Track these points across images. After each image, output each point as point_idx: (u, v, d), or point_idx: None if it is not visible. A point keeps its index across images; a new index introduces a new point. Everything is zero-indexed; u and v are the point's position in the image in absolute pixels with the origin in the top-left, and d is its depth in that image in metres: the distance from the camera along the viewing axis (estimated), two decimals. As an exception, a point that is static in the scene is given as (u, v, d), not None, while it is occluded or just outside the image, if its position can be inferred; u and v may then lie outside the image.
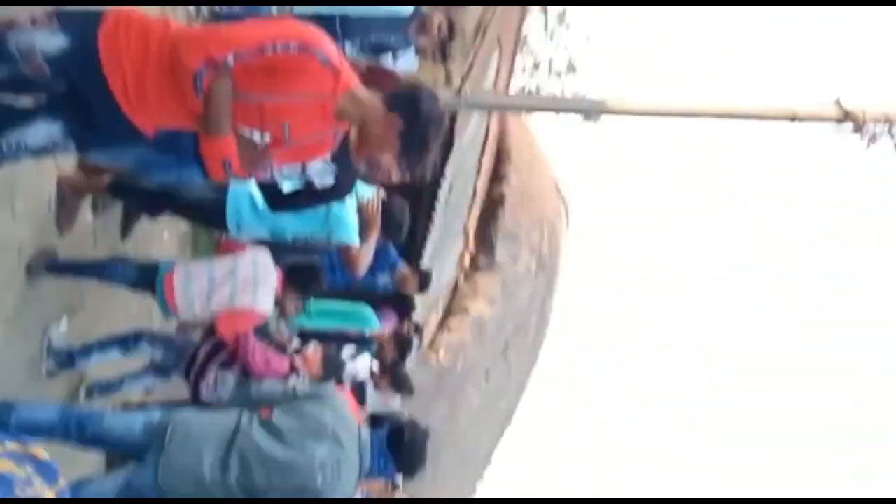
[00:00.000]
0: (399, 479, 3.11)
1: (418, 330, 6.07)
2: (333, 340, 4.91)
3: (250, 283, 3.57)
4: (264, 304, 3.66)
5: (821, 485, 40.45)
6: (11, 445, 1.28)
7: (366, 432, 2.86)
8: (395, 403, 5.80)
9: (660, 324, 47.03)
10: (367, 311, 5.02)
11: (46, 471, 1.27)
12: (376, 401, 5.33)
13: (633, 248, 48.67)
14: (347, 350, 5.12)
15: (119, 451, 3.08)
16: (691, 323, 49.80)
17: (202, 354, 3.82)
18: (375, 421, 3.50)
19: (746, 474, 44.36)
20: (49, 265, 3.60)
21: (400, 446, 2.93)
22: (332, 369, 4.04)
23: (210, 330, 3.80)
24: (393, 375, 5.33)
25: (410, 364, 8.75)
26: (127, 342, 3.93)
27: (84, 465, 3.38)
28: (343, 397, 3.20)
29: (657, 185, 54.30)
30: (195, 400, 3.76)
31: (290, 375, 3.68)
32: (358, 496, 3.11)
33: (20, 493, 1.19)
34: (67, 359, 3.76)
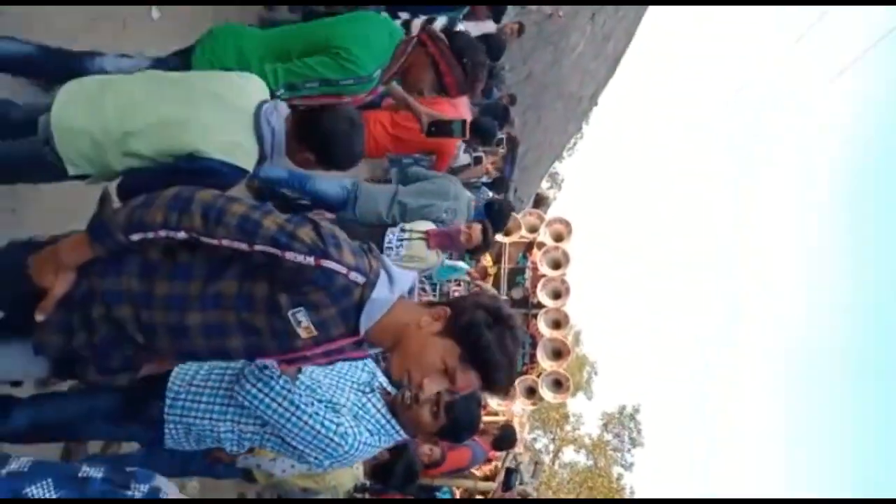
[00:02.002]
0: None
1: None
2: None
3: None
4: None
5: None
6: None
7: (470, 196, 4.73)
8: (488, 26, 6.16)
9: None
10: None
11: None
12: (472, 28, 5.72)
13: None
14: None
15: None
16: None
17: None
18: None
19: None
20: None
21: (491, 212, 4.91)
22: None
23: None
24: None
25: (511, 13, 8.93)
26: None
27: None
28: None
29: None
30: None
31: None
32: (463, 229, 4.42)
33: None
34: None
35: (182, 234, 1.59)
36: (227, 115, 2.18)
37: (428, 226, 4.43)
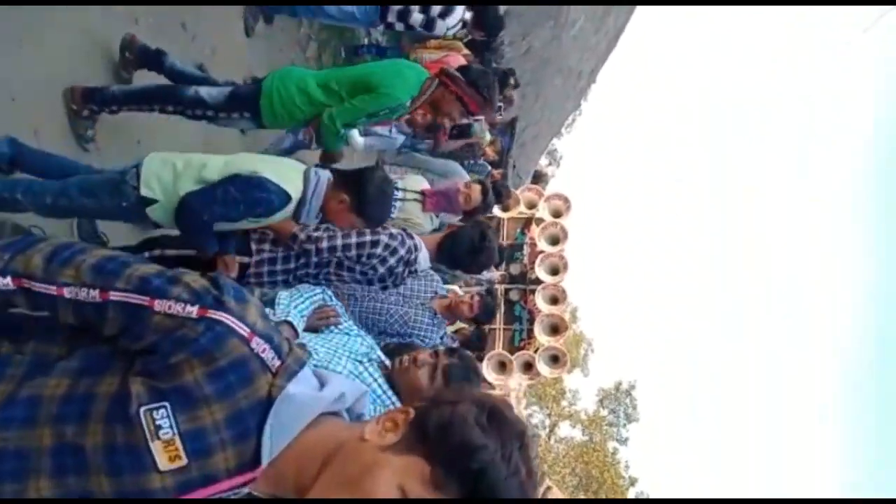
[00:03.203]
0: None
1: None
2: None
3: None
4: None
5: None
6: None
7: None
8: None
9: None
10: None
11: None
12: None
13: None
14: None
15: None
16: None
17: None
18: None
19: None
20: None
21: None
22: None
23: None
24: None
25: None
26: None
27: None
28: None
29: None
30: None
31: None
32: None
33: None
34: None
35: (7, 283, 1.07)
36: (285, 166, 2.77)
37: (423, 184, 4.31)
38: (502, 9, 5.88)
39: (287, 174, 2.68)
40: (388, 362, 2.44)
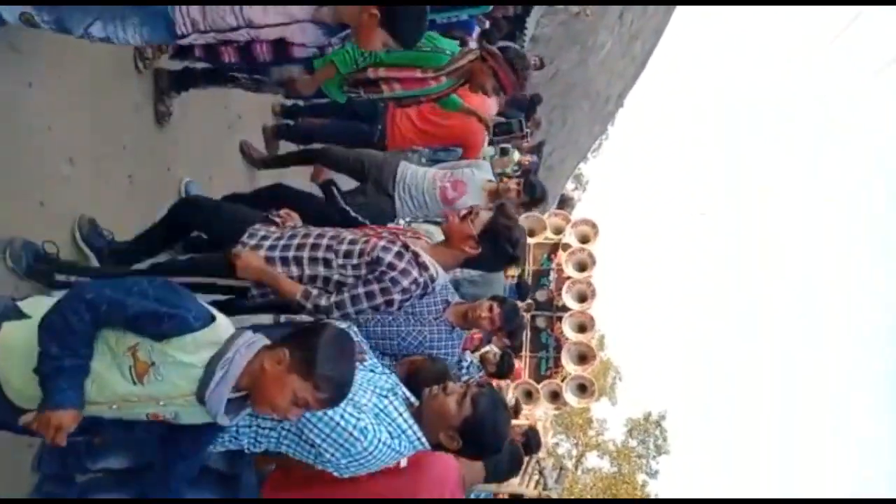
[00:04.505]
0: None
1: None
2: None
3: None
4: None
5: None
6: None
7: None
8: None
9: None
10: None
11: None
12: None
13: None
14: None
15: None
16: None
17: None
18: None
19: None
20: None
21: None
22: None
23: None
24: None
25: (535, 14, 8.82)
26: None
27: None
28: None
29: None
30: None
31: None
32: None
33: None
34: None
35: None
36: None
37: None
38: (528, 35, 5.87)
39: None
40: (413, 399, 2.39)
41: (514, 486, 6.73)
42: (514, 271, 8.46)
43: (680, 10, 17.95)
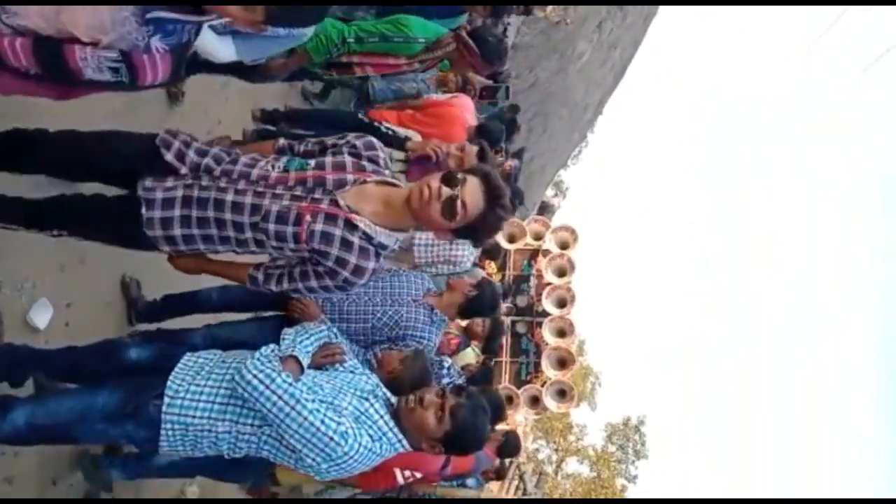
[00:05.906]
0: None
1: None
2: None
3: None
4: None
5: None
6: None
7: None
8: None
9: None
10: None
11: None
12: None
13: None
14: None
15: None
16: None
17: None
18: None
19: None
20: None
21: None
22: None
23: None
24: None
25: (516, 22, 8.86)
26: None
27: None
28: None
29: None
30: None
31: None
32: None
33: None
34: None
35: None
36: None
37: (413, 136, 4.01)
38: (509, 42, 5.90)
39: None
40: (393, 400, 2.39)
41: (495, 492, 6.75)
42: (493, 268, 8.50)
43: (659, 19, 18.18)
